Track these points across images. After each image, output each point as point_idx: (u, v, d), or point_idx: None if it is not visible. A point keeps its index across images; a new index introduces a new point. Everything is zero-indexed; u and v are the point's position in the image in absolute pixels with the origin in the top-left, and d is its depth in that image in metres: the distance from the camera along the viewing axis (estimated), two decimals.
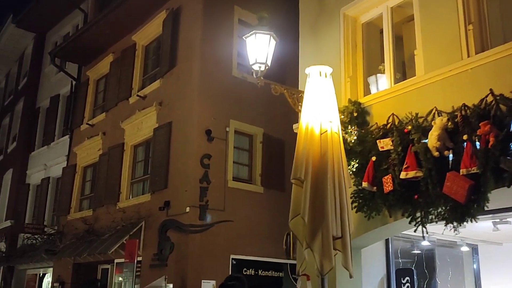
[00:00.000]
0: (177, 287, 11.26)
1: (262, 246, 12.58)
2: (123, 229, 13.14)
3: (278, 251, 12.94)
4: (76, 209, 16.41)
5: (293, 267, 13.06)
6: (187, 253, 11.39)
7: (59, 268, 16.13)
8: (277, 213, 13.02)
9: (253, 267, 12.37)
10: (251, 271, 12.33)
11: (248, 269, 12.29)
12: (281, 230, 13.51)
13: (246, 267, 12.27)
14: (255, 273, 12.40)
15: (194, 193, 11.76)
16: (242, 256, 12.19)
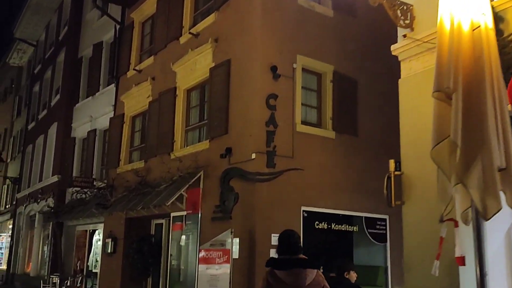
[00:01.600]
0: (244, 241, 10.08)
1: (335, 197, 11.23)
2: (180, 180, 11.98)
3: (353, 202, 11.62)
4: (126, 161, 15.38)
5: (369, 221, 11.73)
6: (253, 204, 10.14)
7: (110, 223, 15.26)
8: (350, 160, 11.63)
9: (325, 220, 11.05)
10: (323, 225, 11.03)
11: (320, 222, 10.99)
12: (355, 179, 12.19)
13: (318, 220, 10.96)
14: (327, 227, 11.10)
15: (260, 138, 10.41)
16: (314, 208, 10.88)
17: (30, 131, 25.59)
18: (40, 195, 21.14)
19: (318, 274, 4.47)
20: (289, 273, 4.34)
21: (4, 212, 29.12)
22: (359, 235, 11.63)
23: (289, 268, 4.36)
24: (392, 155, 12.69)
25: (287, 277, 4.32)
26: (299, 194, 10.67)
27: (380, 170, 12.39)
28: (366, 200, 11.68)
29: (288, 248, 4.58)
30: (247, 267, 9.93)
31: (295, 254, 4.51)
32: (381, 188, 12.35)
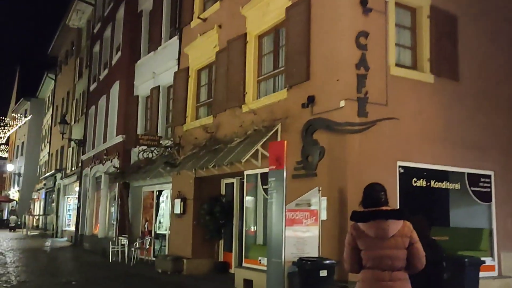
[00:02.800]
0: (332, 201, 8.90)
1: (434, 151, 9.81)
2: (255, 134, 10.86)
3: (455, 156, 10.13)
4: (192, 118, 14.41)
5: (472, 178, 10.27)
6: (344, 159, 8.88)
7: (178, 183, 14.45)
8: (451, 109, 10.12)
9: (424, 177, 9.66)
10: (421, 182, 9.65)
11: (419, 179, 9.62)
12: (457, 130, 10.64)
13: (416, 176, 9.59)
14: (426, 184, 9.71)
15: (349, 83, 9.06)
16: (411, 163, 9.49)
17: (92, 93, 25.19)
18: (105, 156, 20.72)
19: (405, 225, 4.21)
20: (370, 225, 4.19)
21: (70, 175, 29.29)
22: (460, 194, 10.18)
23: (371, 220, 4.20)
24: (499, 108, 11.16)
25: (369, 229, 4.19)
26: (394, 148, 9.31)
27: (484, 122, 10.94)
28: (469, 154, 10.20)
29: (371, 200, 4.37)
30: (338, 229, 8.77)
31: (378, 205, 4.29)
32: (486, 142, 10.91)
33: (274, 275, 8.09)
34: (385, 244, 4.12)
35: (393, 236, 4.14)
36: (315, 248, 8.54)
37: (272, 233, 8.21)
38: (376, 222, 4.18)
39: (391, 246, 4.12)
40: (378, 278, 4.12)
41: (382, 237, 4.14)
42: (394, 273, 4.12)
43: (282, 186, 8.07)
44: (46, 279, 12.51)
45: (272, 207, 8.25)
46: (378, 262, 4.14)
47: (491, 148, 10.59)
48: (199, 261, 13.48)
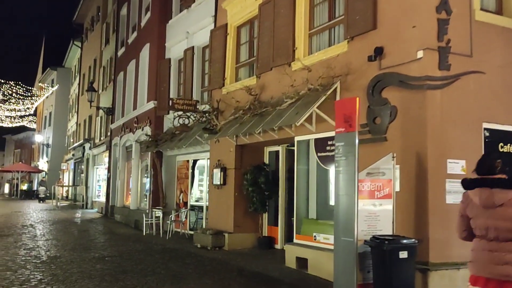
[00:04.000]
0: (407, 169, 7.58)
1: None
2: (309, 94, 9.54)
3: None
4: (232, 80, 13.12)
5: None
6: (422, 120, 7.51)
7: (218, 152, 13.28)
8: None
9: None
10: (509, 147, 8.23)
11: (506, 144, 8.20)
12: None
13: (504, 141, 8.17)
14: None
15: (428, 30, 7.62)
16: (497, 125, 8.08)
17: (120, 58, 24.02)
18: (136, 124, 19.66)
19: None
20: (475, 192, 4.15)
21: (99, 144, 28.44)
22: None
23: (476, 187, 4.15)
24: None
25: (475, 197, 4.14)
26: (479, 107, 7.90)
27: None
28: None
29: (484, 168, 4.19)
30: (414, 203, 7.48)
31: (493, 173, 4.13)
32: None
33: (344, 256, 6.86)
34: (491, 214, 4.02)
35: (502, 206, 3.99)
36: (388, 225, 7.27)
37: (341, 207, 6.95)
38: (481, 189, 4.11)
39: (497, 216, 3.99)
40: (485, 248, 4.06)
41: (487, 206, 4.05)
42: (502, 243, 3.98)
43: (353, 152, 6.76)
44: (78, 254, 11.59)
45: (340, 177, 6.97)
46: (485, 231, 4.07)
47: None
48: (242, 235, 12.41)
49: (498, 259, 3.98)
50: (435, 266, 7.14)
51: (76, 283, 8.37)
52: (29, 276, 8.93)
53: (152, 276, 8.99)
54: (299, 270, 9.58)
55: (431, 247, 7.20)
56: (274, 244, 12.22)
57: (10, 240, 13.99)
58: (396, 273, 6.62)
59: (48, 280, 8.60)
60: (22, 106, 45.02)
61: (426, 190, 7.36)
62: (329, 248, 9.05)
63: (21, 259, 10.70)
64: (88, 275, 9.07)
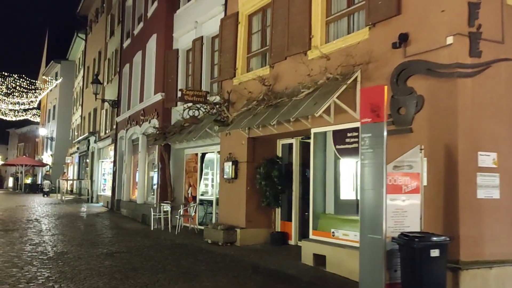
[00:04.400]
0: (435, 162, 7.16)
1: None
2: (327, 84, 9.11)
3: None
4: (244, 70, 12.69)
5: None
6: (452, 110, 7.08)
7: (229, 145, 12.88)
8: None
9: None
10: None
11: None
12: None
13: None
14: None
15: (458, 14, 7.18)
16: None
17: (126, 50, 23.59)
18: (142, 117, 19.26)
19: None
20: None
21: (104, 138, 28.07)
22: None
23: None
24: None
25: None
26: (510, 97, 7.45)
27: None
28: None
29: None
30: (443, 197, 7.06)
31: None
32: None
33: (370, 254, 6.46)
34: None
35: None
36: (416, 221, 6.85)
37: (367, 202, 6.54)
38: None
39: None
40: None
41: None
42: None
43: (381, 144, 6.34)
44: (85, 250, 11.22)
45: (366, 170, 6.55)
46: None
47: None
48: (254, 231, 12.02)
49: None
50: (466, 265, 6.73)
51: (85, 281, 7.99)
52: (36, 273, 8.56)
53: (163, 274, 8.61)
54: (317, 267, 9.19)
55: (461, 245, 6.79)
56: (288, 240, 11.83)
57: (15, 235, 13.64)
58: (426, 273, 6.21)
59: (56, 277, 8.23)
60: (25, 99, 44.74)
61: (456, 184, 6.95)
62: (349, 245, 8.68)
63: (27, 255, 10.33)
64: (97, 272, 8.69)
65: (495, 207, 7.14)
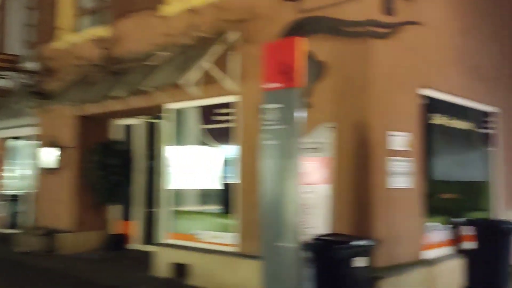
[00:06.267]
0: (342, 145, 5.68)
1: (466, 80, 7.12)
2: (194, 47, 7.09)
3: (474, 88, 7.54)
4: (71, 29, 9.96)
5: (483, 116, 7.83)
6: (362, 79, 5.68)
7: (49, 125, 10.05)
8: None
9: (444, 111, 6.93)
10: (441, 119, 6.90)
11: (438, 113, 6.85)
12: (476, 54, 7.92)
13: (441, 111, 6.81)
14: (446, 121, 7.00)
15: None
16: (436, 93, 6.66)
17: None
18: None
19: None
20: None
21: None
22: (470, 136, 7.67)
23: None
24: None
25: None
26: (418, 67, 6.35)
27: (498, 50, 8.46)
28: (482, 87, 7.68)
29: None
30: (353, 188, 5.64)
31: None
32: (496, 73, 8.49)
33: (277, 269, 4.70)
34: None
35: None
36: (323, 220, 5.30)
37: (273, 198, 4.76)
38: None
39: None
40: None
41: None
42: None
43: (295, 117, 4.61)
44: None
45: (271, 154, 4.76)
46: None
47: (499, 81, 8.21)
48: (85, 235, 9.52)
49: None
50: (384, 272, 5.39)
51: None
52: None
53: None
54: (176, 280, 7.18)
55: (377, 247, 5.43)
56: (128, 244, 9.56)
57: None
58: (349, 286, 4.72)
59: None
60: None
61: (367, 172, 5.58)
62: (221, 250, 6.88)
63: None
64: None
65: (407, 198, 5.97)
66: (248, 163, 6.44)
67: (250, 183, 6.07)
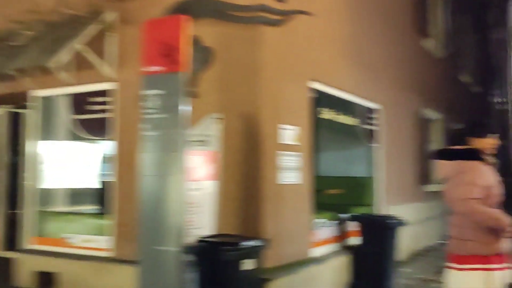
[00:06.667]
0: (233, 136, 5.28)
1: (356, 74, 7.06)
2: (63, 27, 6.27)
3: (360, 83, 7.52)
4: None
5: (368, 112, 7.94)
6: (253, 68, 5.33)
7: None
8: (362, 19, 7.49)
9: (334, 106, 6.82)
10: (328, 113, 6.78)
11: (331, 108, 6.72)
12: (365, 49, 7.88)
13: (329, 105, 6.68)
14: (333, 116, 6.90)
15: None
16: (324, 87, 6.50)
17: None
18: None
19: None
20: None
21: None
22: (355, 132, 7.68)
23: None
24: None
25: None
26: (309, 59, 6.14)
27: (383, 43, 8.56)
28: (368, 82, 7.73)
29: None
30: (242, 185, 5.26)
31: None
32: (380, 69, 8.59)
33: (158, 273, 4.16)
34: None
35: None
36: (211, 219, 4.86)
37: (153, 196, 4.20)
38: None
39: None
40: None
41: None
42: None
43: (180, 105, 4.10)
44: None
45: (152, 146, 4.20)
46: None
47: (382, 77, 8.34)
48: None
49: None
50: (273, 273, 5.07)
51: None
52: None
53: None
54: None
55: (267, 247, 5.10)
56: None
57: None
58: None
59: None
60: None
61: (257, 167, 5.23)
62: (94, 255, 6.17)
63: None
64: None
65: (297, 195, 5.72)
66: (126, 157, 5.81)
67: (129, 180, 5.44)
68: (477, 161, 3.41)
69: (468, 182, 3.33)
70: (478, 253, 3.38)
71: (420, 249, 9.38)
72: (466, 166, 3.41)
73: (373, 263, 6.36)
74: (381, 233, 6.41)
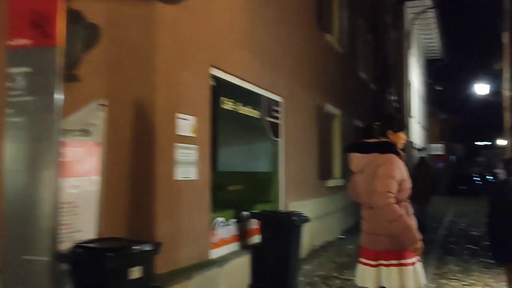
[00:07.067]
0: (122, 127, 4.64)
1: (255, 66, 6.65)
2: None
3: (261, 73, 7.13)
4: None
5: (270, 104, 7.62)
6: (147, 49, 4.73)
7: None
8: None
9: (236, 96, 6.37)
10: (230, 104, 6.33)
11: (234, 99, 6.28)
12: (267, 36, 7.42)
13: (231, 95, 6.22)
14: (234, 107, 6.45)
15: None
16: (224, 74, 6.03)
17: None
18: None
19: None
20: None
21: None
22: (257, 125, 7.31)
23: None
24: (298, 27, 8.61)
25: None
26: (209, 44, 5.64)
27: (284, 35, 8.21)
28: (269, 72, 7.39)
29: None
30: (131, 182, 4.65)
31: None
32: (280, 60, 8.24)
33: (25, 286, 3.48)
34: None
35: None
36: (92, 221, 4.21)
37: (19, 195, 3.49)
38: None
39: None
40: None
41: None
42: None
43: (53, 85, 3.43)
44: None
45: (18, 134, 3.48)
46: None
47: (283, 69, 8.03)
48: None
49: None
50: (167, 280, 4.52)
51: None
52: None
53: None
54: None
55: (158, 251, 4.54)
56: None
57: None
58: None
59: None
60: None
61: (150, 162, 4.65)
62: None
63: None
64: None
65: (195, 192, 5.21)
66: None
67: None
68: (393, 154, 3.22)
69: (386, 175, 3.21)
70: (391, 248, 3.29)
71: (320, 245, 9.27)
72: (382, 159, 3.32)
73: (274, 263, 6.04)
74: (282, 231, 6.09)
